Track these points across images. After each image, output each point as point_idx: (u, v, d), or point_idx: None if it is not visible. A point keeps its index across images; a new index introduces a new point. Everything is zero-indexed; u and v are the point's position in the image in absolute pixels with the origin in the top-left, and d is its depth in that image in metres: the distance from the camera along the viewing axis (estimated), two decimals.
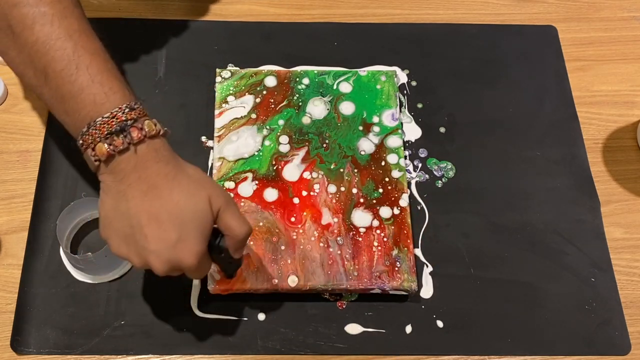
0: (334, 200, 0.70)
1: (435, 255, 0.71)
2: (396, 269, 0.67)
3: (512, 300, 0.69)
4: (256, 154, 0.72)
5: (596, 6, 0.90)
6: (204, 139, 0.76)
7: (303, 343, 0.65)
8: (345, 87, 0.78)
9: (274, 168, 0.72)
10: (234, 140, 0.73)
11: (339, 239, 0.68)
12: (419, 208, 0.73)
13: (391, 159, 0.73)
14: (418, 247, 0.71)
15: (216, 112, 0.75)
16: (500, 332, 0.67)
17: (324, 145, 0.74)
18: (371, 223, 0.69)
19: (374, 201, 0.70)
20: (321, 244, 0.67)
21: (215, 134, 0.73)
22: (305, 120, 0.75)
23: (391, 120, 0.76)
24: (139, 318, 0.66)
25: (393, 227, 0.69)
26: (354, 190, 0.71)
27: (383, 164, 0.73)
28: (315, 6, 0.87)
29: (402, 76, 0.82)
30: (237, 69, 0.79)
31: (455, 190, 0.75)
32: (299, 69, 0.80)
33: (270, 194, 0.70)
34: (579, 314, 0.68)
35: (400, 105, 0.79)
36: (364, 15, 0.87)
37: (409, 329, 0.67)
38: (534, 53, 0.85)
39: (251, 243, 0.67)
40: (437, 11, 0.88)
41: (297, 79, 0.78)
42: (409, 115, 0.79)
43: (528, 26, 0.87)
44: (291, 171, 0.72)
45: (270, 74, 0.78)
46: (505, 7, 0.89)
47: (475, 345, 0.67)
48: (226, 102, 0.76)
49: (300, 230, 0.68)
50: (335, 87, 0.78)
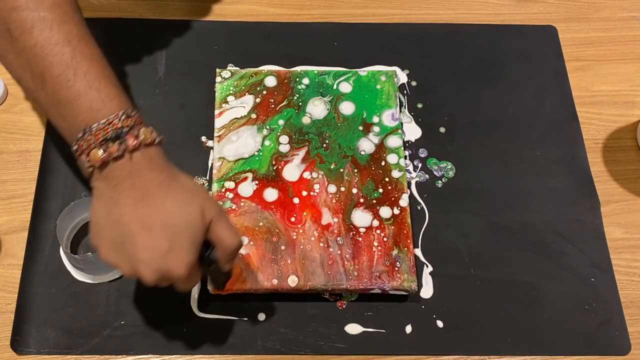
0: (334, 200, 0.70)
1: (435, 255, 0.71)
2: (396, 269, 0.66)
3: (512, 300, 0.69)
4: (256, 154, 0.72)
5: (596, 6, 0.90)
6: (204, 139, 0.76)
7: (303, 343, 0.65)
8: (345, 87, 0.78)
9: (274, 168, 0.72)
10: (234, 140, 0.73)
11: (339, 239, 0.68)
12: (419, 208, 0.73)
13: (391, 159, 0.73)
14: (418, 247, 0.71)
15: (216, 112, 0.75)
16: (500, 332, 0.67)
17: (324, 145, 0.74)
18: (371, 223, 0.69)
19: (374, 201, 0.70)
20: (321, 244, 0.67)
21: (215, 134, 0.73)
22: (305, 120, 0.75)
23: (391, 120, 0.76)
24: (139, 318, 0.66)
25: (393, 227, 0.69)
26: (354, 190, 0.71)
27: (383, 164, 0.73)
28: (315, 6, 0.87)
29: (402, 76, 0.82)
30: (237, 69, 0.79)
31: (455, 190, 0.75)
32: (299, 69, 0.80)
33: (270, 194, 0.70)
34: (579, 314, 0.68)
35: (400, 105, 0.79)
36: (364, 15, 0.87)
37: (409, 329, 0.67)
38: (534, 53, 0.85)
39: (251, 243, 0.67)
40: (437, 11, 0.88)
41: (297, 79, 0.78)
42: (409, 115, 0.79)
43: (528, 26, 0.87)
44: (291, 171, 0.72)
45: (270, 74, 0.78)
46: (505, 7, 0.89)
47: (475, 345, 0.67)
48: (226, 102, 0.76)
49: (300, 230, 0.68)
50: (335, 87, 0.78)
